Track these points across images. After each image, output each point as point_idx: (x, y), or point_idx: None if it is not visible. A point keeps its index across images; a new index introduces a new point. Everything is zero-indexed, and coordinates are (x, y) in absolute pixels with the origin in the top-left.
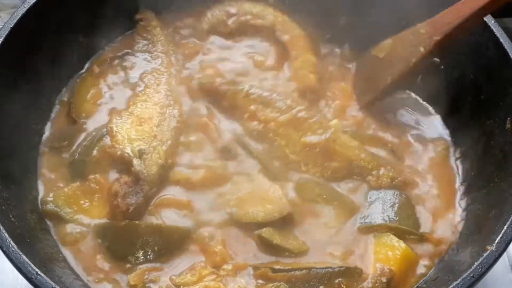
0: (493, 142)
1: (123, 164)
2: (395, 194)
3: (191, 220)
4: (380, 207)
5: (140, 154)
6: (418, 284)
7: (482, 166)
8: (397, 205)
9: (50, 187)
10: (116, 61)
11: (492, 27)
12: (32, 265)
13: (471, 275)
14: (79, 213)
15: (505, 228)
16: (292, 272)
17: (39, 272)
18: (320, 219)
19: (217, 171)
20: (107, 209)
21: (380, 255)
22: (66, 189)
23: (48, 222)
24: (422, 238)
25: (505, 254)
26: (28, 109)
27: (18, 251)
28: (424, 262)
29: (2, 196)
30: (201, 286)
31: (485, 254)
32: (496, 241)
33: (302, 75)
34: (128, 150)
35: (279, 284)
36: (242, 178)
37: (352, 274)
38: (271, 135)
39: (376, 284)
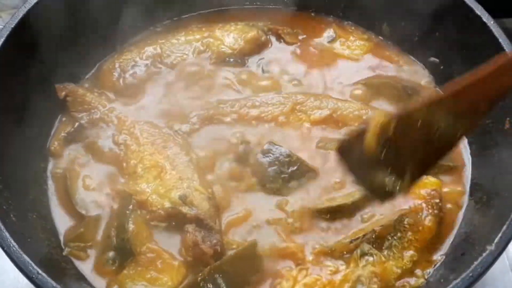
0: (492, 142)
1: (173, 220)
2: None
3: (259, 229)
4: None
5: (183, 200)
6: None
7: (481, 166)
8: None
9: (105, 277)
10: (75, 144)
11: (491, 27)
12: (33, 265)
13: (470, 274)
14: (151, 286)
15: (504, 227)
16: (369, 235)
17: (40, 272)
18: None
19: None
20: (177, 268)
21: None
22: (125, 271)
23: None
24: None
25: (504, 254)
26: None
27: (19, 250)
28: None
29: (3, 195)
30: (303, 285)
31: (484, 254)
32: (495, 241)
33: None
34: (168, 204)
35: (363, 247)
36: None
37: (411, 212)
38: (285, 127)
39: (434, 207)
